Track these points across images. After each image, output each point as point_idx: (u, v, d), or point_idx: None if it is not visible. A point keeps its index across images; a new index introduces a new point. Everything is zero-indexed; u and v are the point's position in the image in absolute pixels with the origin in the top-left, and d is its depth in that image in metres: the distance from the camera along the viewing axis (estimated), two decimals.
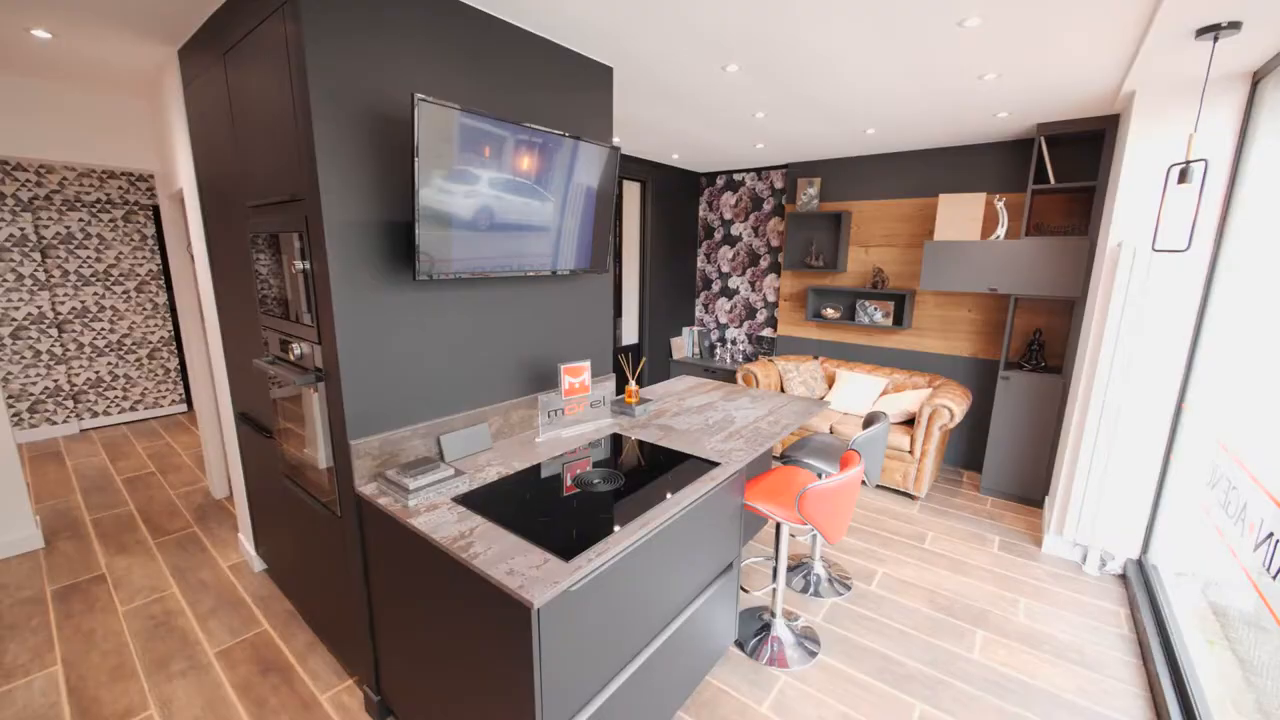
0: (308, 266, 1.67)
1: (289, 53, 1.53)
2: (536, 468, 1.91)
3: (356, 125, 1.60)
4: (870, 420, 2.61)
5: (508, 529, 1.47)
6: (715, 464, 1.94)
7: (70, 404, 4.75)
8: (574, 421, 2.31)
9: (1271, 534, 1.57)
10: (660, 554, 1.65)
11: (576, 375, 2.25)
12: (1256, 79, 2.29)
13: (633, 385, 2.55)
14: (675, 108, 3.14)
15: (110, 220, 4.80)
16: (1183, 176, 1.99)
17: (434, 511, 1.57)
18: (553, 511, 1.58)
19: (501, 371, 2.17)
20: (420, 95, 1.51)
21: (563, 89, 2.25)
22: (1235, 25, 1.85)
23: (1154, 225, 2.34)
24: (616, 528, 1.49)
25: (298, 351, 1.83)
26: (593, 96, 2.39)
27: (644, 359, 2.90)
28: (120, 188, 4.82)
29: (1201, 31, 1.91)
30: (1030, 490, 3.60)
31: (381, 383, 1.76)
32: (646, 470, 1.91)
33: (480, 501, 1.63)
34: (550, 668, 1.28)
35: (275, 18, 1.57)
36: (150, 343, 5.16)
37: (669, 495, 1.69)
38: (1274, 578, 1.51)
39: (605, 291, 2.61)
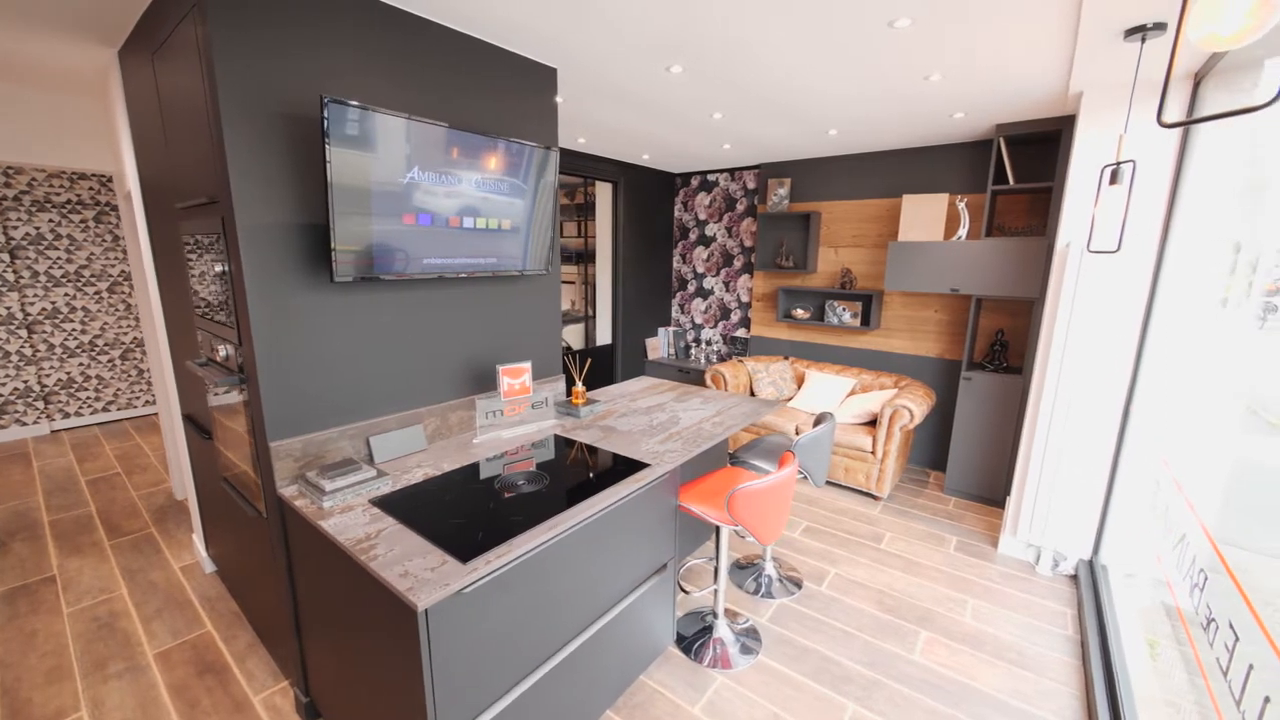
0: (227, 269, 1.67)
1: (200, 54, 1.53)
2: (464, 469, 1.91)
3: (273, 128, 1.60)
4: (818, 421, 2.61)
5: (416, 531, 1.47)
6: (645, 465, 1.94)
7: (41, 405, 4.74)
8: (515, 423, 2.31)
9: (1184, 535, 1.57)
10: (577, 555, 1.65)
11: (516, 377, 2.25)
12: (1197, 79, 2.29)
13: (579, 386, 2.55)
14: (633, 109, 3.14)
15: (81, 221, 4.80)
16: (1114, 178, 1.99)
17: (348, 513, 1.57)
18: (467, 513, 1.58)
19: (440, 373, 2.17)
20: (329, 97, 1.51)
21: (503, 90, 2.24)
22: (1161, 26, 1.85)
23: (1089, 226, 2.35)
24: (524, 530, 1.49)
25: (223, 353, 1.83)
26: (536, 98, 2.39)
27: (590, 360, 2.90)
28: (91, 189, 4.82)
29: (1130, 32, 1.91)
30: (992, 490, 3.60)
31: (304, 384, 1.76)
32: (575, 472, 1.91)
33: (397, 504, 1.63)
34: (443, 668, 1.28)
35: (190, 19, 1.57)
36: (123, 344, 5.15)
37: (588, 497, 1.69)
38: (1183, 579, 1.52)
39: (552, 293, 2.61)
